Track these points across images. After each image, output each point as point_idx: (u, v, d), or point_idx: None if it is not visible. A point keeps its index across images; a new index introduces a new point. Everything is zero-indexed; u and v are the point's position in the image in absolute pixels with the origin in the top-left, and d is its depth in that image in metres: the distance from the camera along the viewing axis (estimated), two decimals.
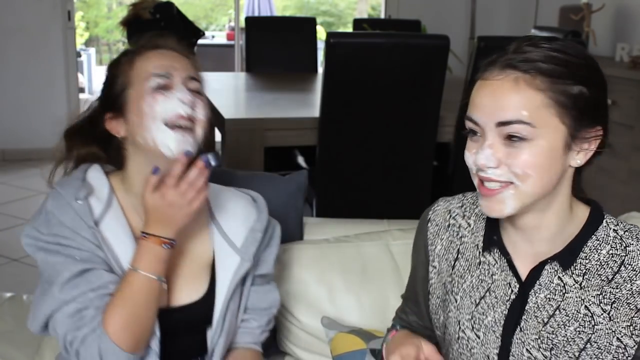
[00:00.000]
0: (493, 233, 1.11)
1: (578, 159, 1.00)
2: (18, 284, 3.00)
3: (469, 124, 1.01)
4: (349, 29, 5.84)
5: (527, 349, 1.05)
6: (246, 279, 1.31)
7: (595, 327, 1.01)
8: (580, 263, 1.04)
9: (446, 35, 2.57)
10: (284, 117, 2.77)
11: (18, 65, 5.07)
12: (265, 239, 1.33)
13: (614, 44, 4.36)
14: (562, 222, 1.04)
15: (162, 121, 1.17)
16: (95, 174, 1.25)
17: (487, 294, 1.10)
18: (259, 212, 1.34)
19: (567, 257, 1.04)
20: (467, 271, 1.14)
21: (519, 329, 1.06)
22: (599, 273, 1.03)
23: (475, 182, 1.02)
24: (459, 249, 1.16)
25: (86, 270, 1.15)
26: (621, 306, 1.01)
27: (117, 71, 1.24)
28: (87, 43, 9.74)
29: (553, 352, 1.03)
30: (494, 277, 1.10)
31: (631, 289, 1.01)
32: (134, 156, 1.23)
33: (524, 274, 1.07)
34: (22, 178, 4.66)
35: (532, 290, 1.06)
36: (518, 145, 0.96)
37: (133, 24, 3.89)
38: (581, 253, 1.04)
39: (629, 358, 1.00)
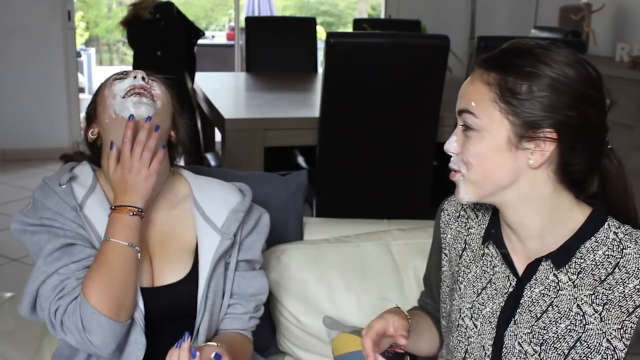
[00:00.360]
0: (493, 227, 1.13)
1: (532, 159, 1.01)
2: (18, 284, 2.99)
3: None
4: (349, 29, 5.84)
5: (519, 342, 1.07)
6: (229, 263, 1.33)
7: (586, 326, 1.02)
8: (576, 262, 1.04)
9: (446, 35, 2.58)
10: (284, 117, 2.77)
11: (18, 65, 5.07)
12: (248, 223, 1.36)
13: (614, 44, 4.36)
14: (548, 221, 1.05)
15: (119, 96, 1.28)
16: (82, 167, 1.35)
17: (489, 285, 1.13)
18: (243, 197, 1.38)
19: (561, 256, 1.05)
20: (473, 261, 1.16)
21: (513, 321, 1.08)
22: (592, 273, 1.03)
23: None
24: (466, 239, 1.19)
25: (68, 245, 1.22)
26: (613, 308, 1.01)
27: (90, 104, 1.37)
28: (87, 43, 9.74)
29: (543, 347, 1.04)
30: (495, 269, 1.12)
31: (623, 291, 1.01)
32: (105, 144, 1.31)
33: (520, 268, 1.09)
34: (22, 178, 4.66)
35: (528, 285, 1.08)
36: (469, 135, 1.02)
37: (133, 24, 3.89)
38: (577, 253, 1.05)
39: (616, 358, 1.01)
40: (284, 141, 2.75)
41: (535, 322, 1.06)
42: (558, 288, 1.05)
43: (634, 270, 1.01)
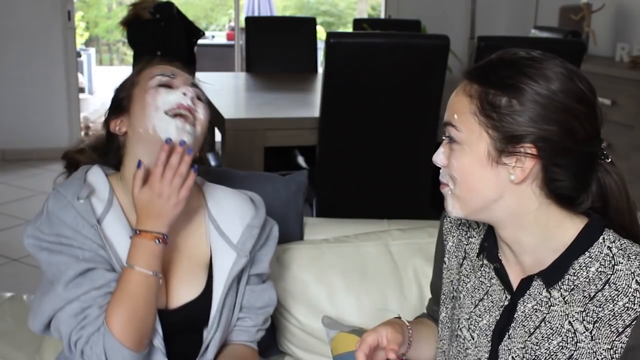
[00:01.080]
0: (487, 240, 1.12)
1: (514, 174, 0.98)
2: (18, 284, 3.00)
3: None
4: (349, 29, 5.84)
5: (512, 357, 1.05)
6: (242, 277, 1.31)
7: (578, 344, 1.00)
8: (569, 279, 1.01)
9: (446, 35, 2.58)
10: (284, 117, 2.77)
11: (18, 65, 5.07)
12: (262, 238, 1.34)
13: (614, 44, 4.36)
14: (539, 237, 1.03)
15: (163, 111, 1.22)
16: (95, 175, 1.27)
17: (486, 296, 1.11)
18: (257, 210, 1.35)
19: (552, 274, 1.02)
20: (472, 271, 1.15)
21: (507, 335, 1.06)
22: (584, 289, 1.00)
23: None
24: (465, 248, 1.17)
25: (89, 270, 1.16)
26: (603, 327, 0.98)
27: (123, 86, 1.31)
28: (87, 43, 9.73)
29: None
30: (492, 280, 1.11)
31: (613, 309, 0.98)
32: (132, 154, 1.25)
33: (515, 283, 1.07)
34: (22, 178, 4.66)
35: (521, 300, 1.05)
36: (453, 148, 1.01)
37: (133, 24, 3.89)
38: (570, 269, 1.01)
39: None
40: (284, 141, 2.75)
41: (528, 337, 1.04)
42: (550, 304, 1.03)
43: (624, 288, 0.97)
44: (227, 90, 3.54)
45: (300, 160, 3.37)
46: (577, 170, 0.99)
